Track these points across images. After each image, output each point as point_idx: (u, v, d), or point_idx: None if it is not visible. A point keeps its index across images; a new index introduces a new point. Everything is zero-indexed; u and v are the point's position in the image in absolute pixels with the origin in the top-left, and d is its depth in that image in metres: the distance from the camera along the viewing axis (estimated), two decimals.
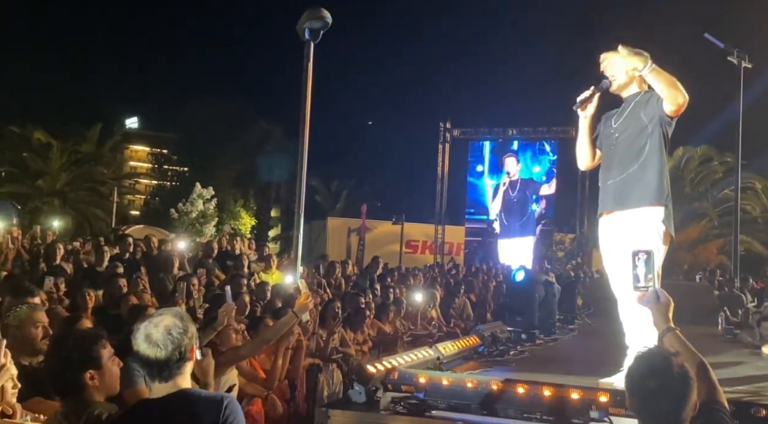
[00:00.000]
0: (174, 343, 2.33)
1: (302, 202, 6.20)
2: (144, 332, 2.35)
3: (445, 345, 4.92)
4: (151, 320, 2.39)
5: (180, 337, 2.35)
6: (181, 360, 2.35)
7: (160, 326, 2.35)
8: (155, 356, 2.32)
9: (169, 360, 2.32)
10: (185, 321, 2.41)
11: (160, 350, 2.32)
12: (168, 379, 2.34)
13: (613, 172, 4.00)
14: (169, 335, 2.34)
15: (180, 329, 2.36)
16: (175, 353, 2.33)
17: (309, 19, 5.74)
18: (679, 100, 3.74)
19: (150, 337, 2.33)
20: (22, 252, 8.27)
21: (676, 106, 3.77)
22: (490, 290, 12.49)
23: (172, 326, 2.36)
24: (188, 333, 2.39)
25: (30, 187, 31.98)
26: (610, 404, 3.08)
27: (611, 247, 4.06)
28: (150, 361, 2.34)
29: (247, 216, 36.22)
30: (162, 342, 2.32)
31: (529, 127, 28.69)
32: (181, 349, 2.34)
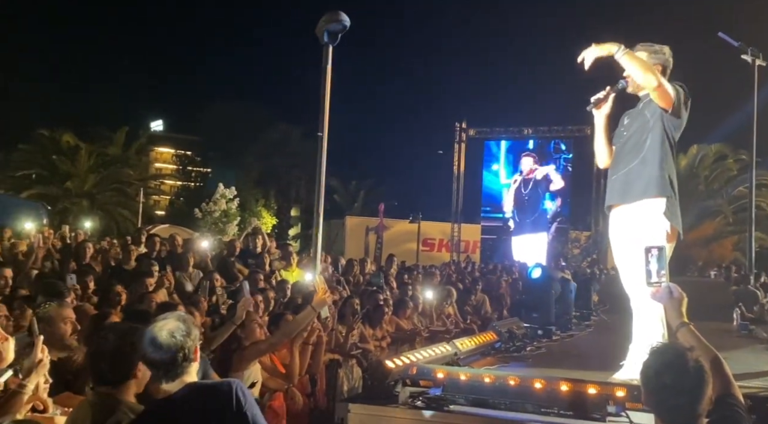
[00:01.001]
0: (177, 345, 2.43)
1: (322, 201, 6.26)
2: (149, 336, 2.45)
3: (462, 341, 4.97)
4: (156, 324, 2.49)
5: (183, 339, 2.45)
6: (185, 361, 2.45)
7: (164, 329, 2.45)
8: (161, 359, 2.43)
9: (174, 362, 2.43)
10: (188, 324, 2.51)
11: (165, 352, 2.42)
12: (174, 378, 2.45)
13: (618, 167, 4.08)
14: (173, 337, 2.44)
15: (183, 331, 2.46)
16: (179, 355, 2.43)
17: (327, 22, 5.79)
18: (652, 84, 3.78)
19: (155, 340, 2.43)
20: (53, 251, 8.45)
21: (651, 91, 3.82)
22: (502, 287, 12.50)
23: (175, 329, 2.46)
24: (191, 335, 2.49)
25: (59, 189, 32.63)
26: (627, 398, 3.11)
27: (618, 241, 4.13)
28: (156, 363, 2.44)
29: (268, 215, 36.54)
30: (166, 345, 2.42)
31: (545, 126, 28.61)
32: (185, 350, 2.44)
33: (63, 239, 11.24)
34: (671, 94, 3.83)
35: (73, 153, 33.34)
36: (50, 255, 8.35)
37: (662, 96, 3.83)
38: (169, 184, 45.86)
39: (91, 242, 9.67)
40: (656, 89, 3.81)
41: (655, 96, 3.86)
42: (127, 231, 24.42)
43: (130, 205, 34.32)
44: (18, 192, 30.44)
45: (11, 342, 2.65)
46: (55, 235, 11.31)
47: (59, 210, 29.90)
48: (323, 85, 6.01)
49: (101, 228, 29.62)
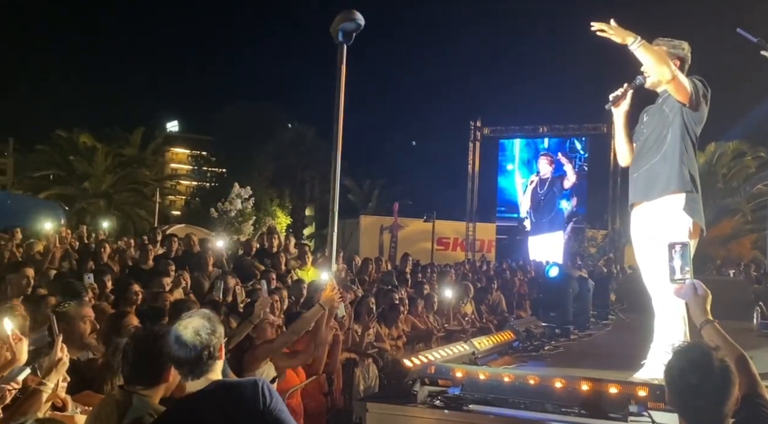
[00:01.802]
0: (203, 343, 2.43)
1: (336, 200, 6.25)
2: (174, 334, 2.45)
3: (480, 340, 4.94)
4: (181, 322, 2.49)
5: (208, 337, 2.44)
6: (210, 359, 2.44)
7: (189, 327, 2.45)
8: (186, 357, 2.43)
9: (199, 360, 2.42)
10: (213, 322, 2.50)
11: (190, 350, 2.42)
12: (200, 376, 2.44)
13: (639, 163, 4.04)
14: (198, 335, 2.43)
15: (208, 329, 2.45)
16: (204, 353, 2.42)
17: (342, 21, 5.77)
18: (666, 77, 3.74)
19: (180, 338, 2.43)
20: (71, 251, 8.52)
21: (665, 84, 3.78)
22: (517, 285, 12.45)
23: (200, 327, 2.45)
24: (216, 333, 2.47)
25: (77, 189, 33.00)
26: (650, 398, 3.07)
27: (640, 238, 4.08)
28: (181, 361, 2.44)
29: (283, 215, 36.69)
30: (191, 343, 2.42)
31: (560, 125, 28.45)
32: (210, 348, 2.43)
33: (81, 238, 11.35)
34: (687, 86, 3.77)
35: (90, 154, 33.70)
36: (68, 255, 8.43)
37: (678, 89, 3.78)
38: (184, 184, 46.27)
39: (108, 242, 9.76)
40: (671, 82, 3.76)
41: (670, 89, 3.81)
42: (143, 231, 24.62)
43: (146, 205, 34.61)
44: (36, 193, 30.78)
45: (25, 343, 2.67)
46: (73, 235, 11.42)
47: (77, 210, 30.21)
48: (338, 84, 5.98)
49: (118, 228, 29.89)
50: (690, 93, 3.79)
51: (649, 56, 3.76)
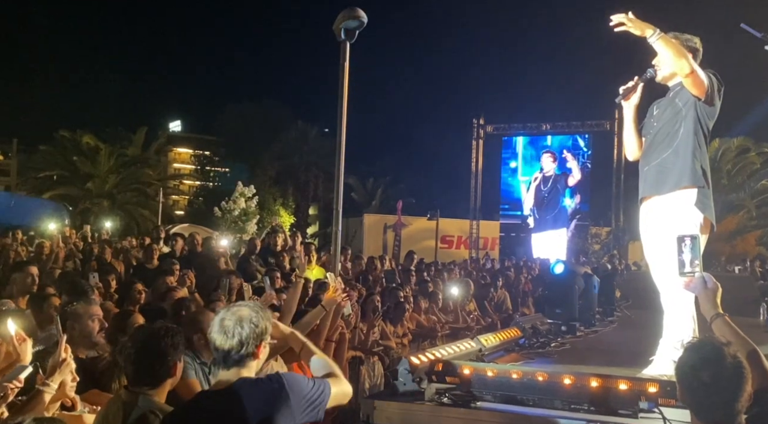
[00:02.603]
0: (242, 335, 2.40)
1: (341, 199, 6.25)
2: (219, 318, 2.43)
3: (486, 337, 4.92)
4: (230, 308, 2.47)
5: (250, 330, 2.41)
6: (247, 352, 2.40)
7: (235, 315, 2.42)
8: (220, 343, 2.40)
9: (232, 349, 2.39)
10: (259, 317, 2.46)
11: (229, 338, 2.39)
12: (230, 367, 2.41)
13: (650, 157, 4.01)
14: (240, 324, 2.40)
15: (253, 322, 2.42)
16: (242, 344, 2.39)
17: (345, 19, 5.77)
18: (685, 70, 3.71)
19: (223, 323, 2.41)
20: (75, 251, 8.53)
21: (684, 77, 3.75)
22: (522, 283, 12.43)
23: (246, 317, 2.43)
24: (259, 328, 2.44)
25: (80, 190, 33.06)
26: (660, 394, 3.05)
27: (650, 233, 4.05)
28: (217, 346, 2.41)
29: (286, 214, 36.71)
30: (232, 330, 2.39)
31: (563, 122, 28.39)
32: (248, 341, 2.40)
33: (84, 238, 11.37)
34: (705, 80, 3.75)
35: (94, 154, 33.74)
36: (72, 255, 8.44)
37: (695, 83, 3.75)
38: (187, 184, 46.29)
39: (112, 242, 9.77)
40: (689, 75, 3.73)
41: (687, 83, 3.78)
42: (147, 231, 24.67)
43: (150, 205, 34.65)
44: (40, 193, 30.83)
45: (29, 343, 2.65)
46: (77, 235, 11.45)
47: (80, 210, 30.26)
48: (341, 82, 5.98)
49: (122, 228, 29.93)
50: (707, 87, 3.76)
51: (669, 49, 3.72)
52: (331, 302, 4.70)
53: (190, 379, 3.75)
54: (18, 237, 10.02)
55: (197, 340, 3.96)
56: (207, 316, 4.08)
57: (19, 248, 9.09)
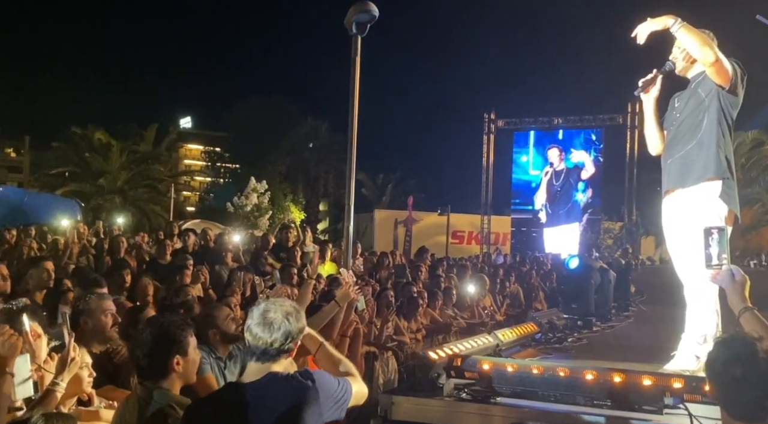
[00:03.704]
0: (286, 330, 2.37)
1: (352, 194, 6.20)
2: (261, 311, 2.38)
3: (503, 332, 4.88)
4: (274, 301, 2.44)
5: (292, 327, 2.38)
6: (284, 350, 2.38)
7: (280, 310, 2.39)
8: (262, 336, 2.36)
9: (274, 343, 2.36)
10: (300, 314, 2.45)
11: (273, 332, 2.35)
12: (265, 361, 2.37)
13: (673, 150, 3.95)
14: (287, 320, 2.38)
15: (295, 320, 2.40)
16: (284, 338, 2.36)
17: (356, 12, 5.71)
18: (710, 59, 3.64)
19: (266, 316, 2.37)
20: (88, 247, 8.54)
21: (708, 66, 3.68)
22: (534, 277, 12.36)
23: (291, 312, 2.40)
24: (300, 324, 2.42)
25: (92, 186, 33.23)
26: (685, 390, 2.99)
27: (674, 226, 3.98)
28: (256, 339, 2.37)
29: (297, 210, 36.76)
30: (278, 324, 2.36)
31: (575, 116, 28.25)
32: (289, 338, 2.37)
33: (97, 234, 11.39)
34: (729, 69, 3.67)
35: (105, 150, 33.91)
36: (86, 250, 8.46)
37: (720, 72, 3.68)
38: (198, 180, 46.48)
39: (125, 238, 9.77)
40: (714, 64, 3.65)
41: (711, 72, 3.70)
42: (159, 227, 24.77)
43: (161, 201, 34.81)
44: (52, 190, 31.01)
45: (44, 339, 2.63)
46: (90, 231, 11.48)
47: (92, 207, 30.42)
48: (352, 76, 5.93)
49: (134, 224, 30.07)
50: (731, 76, 3.69)
51: (692, 38, 3.66)
52: (345, 297, 4.66)
53: (206, 374, 3.73)
54: (31, 233, 10.05)
55: (212, 335, 3.94)
56: (222, 311, 4.06)
57: (33, 243, 9.11)
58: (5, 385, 2.40)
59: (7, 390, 2.42)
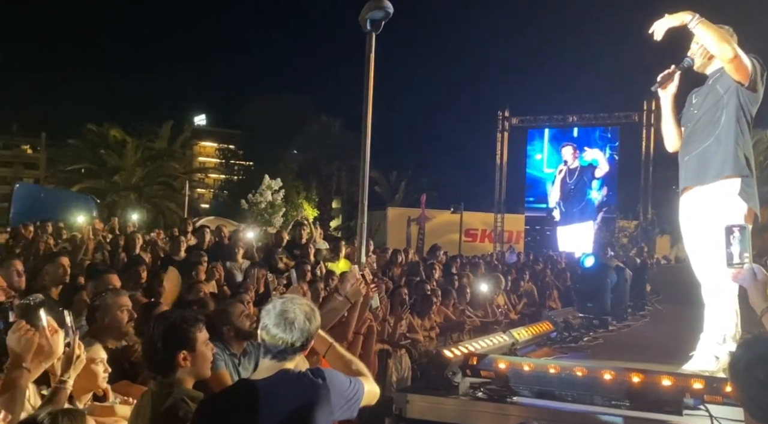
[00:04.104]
0: (305, 331, 2.37)
1: (365, 191, 6.17)
2: (279, 310, 2.37)
3: (518, 331, 4.83)
4: (292, 300, 2.43)
5: (311, 327, 2.39)
6: (301, 348, 2.38)
7: (299, 310, 2.38)
8: (281, 336, 2.35)
9: (294, 344, 2.36)
10: (316, 313, 2.45)
11: (291, 332, 2.35)
12: (282, 360, 2.37)
13: (690, 147, 3.91)
14: (307, 321, 2.38)
15: (315, 319, 2.41)
16: (302, 340, 2.36)
17: (371, 9, 5.68)
18: (728, 55, 3.60)
19: (286, 315, 2.36)
20: (104, 243, 8.58)
21: (726, 63, 3.64)
22: (549, 276, 12.29)
23: (309, 313, 2.40)
24: (317, 324, 2.43)
25: (107, 183, 33.52)
26: (706, 391, 2.94)
27: (691, 225, 3.93)
28: (273, 338, 2.36)
29: (310, 207, 36.85)
30: (299, 326, 2.36)
31: (590, 114, 28.05)
32: (306, 338, 2.38)
33: (112, 231, 11.45)
34: (748, 65, 3.62)
35: (121, 147, 34.20)
36: (101, 247, 8.50)
37: (738, 68, 3.63)
38: (212, 177, 46.75)
39: (140, 234, 9.82)
40: (732, 61, 3.60)
41: (730, 68, 3.65)
42: (173, 223, 24.92)
43: (176, 198, 35.03)
44: (68, 186, 31.29)
45: (61, 335, 2.62)
46: (105, 227, 11.54)
47: (107, 203, 30.67)
48: (366, 74, 5.90)
49: (148, 220, 30.28)
50: (750, 72, 3.63)
51: (711, 33, 3.61)
52: (356, 294, 4.64)
53: (220, 370, 3.72)
54: (47, 229, 10.13)
55: (227, 331, 3.94)
56: (236, 308, 4.05)
57: (49, 239, 9.17)
58: (22, 379, 2.40)
59: (24, 385, 2.42)
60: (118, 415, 3.06)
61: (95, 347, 3.16)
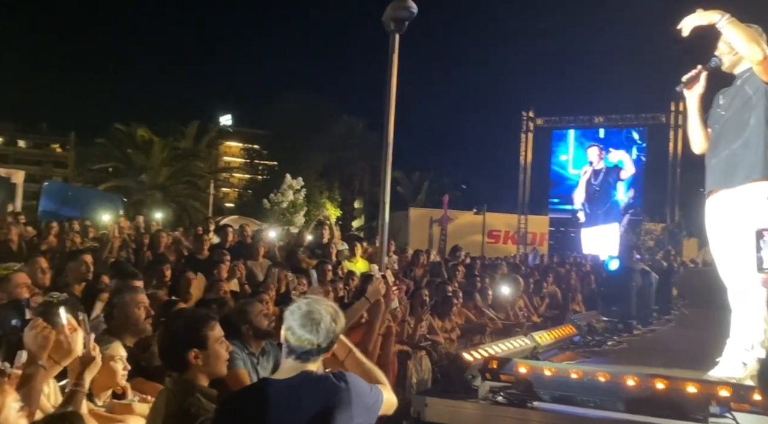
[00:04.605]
0: (330, 332, 2.36)
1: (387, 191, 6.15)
2: (306, 311, 2.36)
3: (540, 334, 4.77)
4: (317, 301, 2.42)
5: (336, 329, 2.38)
6: (326, 349, 2.37)
7: (324, 311, 2.37)
8: (307, 337, 2.33)
9: (319, 345, 2.34)
10: (341, 315, 2.44)
11: (318, 334, 2.33)
12: (305, 360, 2.35)
13: (717, 149, 3.82)
14: (333, 321, 2.37)
15: (339, 321, 2.40)
16: (325, 341, 2.35)
17: (394, 9, 5.65)
18: (758, 57, 3.52)
19: (312, 316, 2.34)
20: (128, 241, 8.66)
21: (755, 64, 3.56)
22: (574, 279, 12.13)
23: (335, 314, 2.39)
24: (342, 325, 2.42)
25: (134, 181, 33.94)
26: (733, 399, 2.85)
27: (718, 228, 3.84)
28: (299, 339, 2.34)
29: (332, 207, 36.98)
30: (324, 327, 2.34)
31: (617, 115, 27.73)
32: (331, 339, 2.36)
33: (137, 229, 11.56)
34: None
35: (147, 147, 34.61)
36: (126, 245, 8.57)
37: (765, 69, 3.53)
38: (237, 176, 47.15)
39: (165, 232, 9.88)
40: (762, 62, 3.52)
41: (759, 70, 3.57)
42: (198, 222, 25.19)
43: (200, 197, 35.42)
44: (96, 184, 31.75)
45: (80, 332, 2.63)
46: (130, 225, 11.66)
47: (134, 202, 31.04)
48: (389, 74, 5.88)
49: (173, 219, 30.58)
50: None
51: (740, 34, 3.54)
52: (375, 293, 4.60)
53: (238, 369, 3.72)
54: (74, 227, 10.24)
55: (245, 330, 3.93)
56: (254, 307, 4.05)
57: (75, 237, 9.27)
58: (38, 377, 2.41)
59: (40, 382, 2.42)
60: (136, 413, 3.07)
61: (114, 345, 3.17)
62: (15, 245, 8.26)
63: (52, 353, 2.49)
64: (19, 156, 58.59)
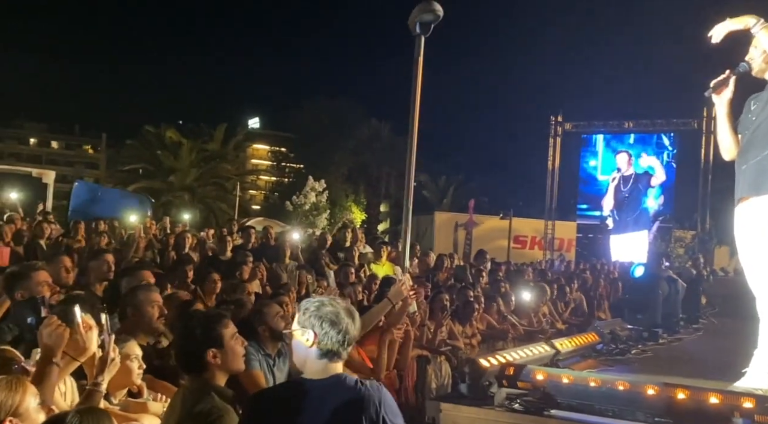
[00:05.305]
0: (349, 331, 2.35)
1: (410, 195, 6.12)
2: (329, 311, 2.35)
3: (561, 341, 4.68)
4: (342, 302, 2.42)
5: (354, 328, 2.37)
6: (346, 349, 2.36)
7: (348, 311, 2.38)
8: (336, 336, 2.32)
9: (346, 344, 2.35)
10: (357, 315, 2.43)
11: (348, 332, 2.34)
12: (332, 360, 2.33)
13: (748, 155, 3.71)
14: (351, 320, 2.37)
15: (356, 320, 2.39)
16: (348, 341, 2.35)
17: (420, 12, 5.63)
18: None
19: (339, 317, 2.34)
20: (154, 242, 8.76)
21: None
22: (602, 286, 11.95)
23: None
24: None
25: (163, 183, 34.46)
26: (756, 411, 2.76)
27: (747, 236, 3.73)
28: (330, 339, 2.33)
29: (358, 211, 37.07)
30: (352, 325, 2.36)
31: (647, 120, 27.33)
32: (349, 339, 2.36)
33: (164, 229, 11.71)
34: None
35: (176, 149, 35.15)
36: (151, 245, 8.68)
37: None
38: (264, 179, 47.62)
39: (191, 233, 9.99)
40: None
41: None
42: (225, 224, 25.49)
43: (227, 199, 35.83)
44: (126, 185, 32.28)
45: (95, 332, 2.65)
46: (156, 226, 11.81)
47: (162, 203, 31.52)
48: (414, 77, 5.85)
49: (200, 220, 30.94)
50: None
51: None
52: (397, 295, 4.57)
53: (254, 370, 3.73)
54: (100, 227, 10.39)
55: (262, 332, 3.94)
56: (271, 308, 4.06)
57: (103, 237, 9.40)
58: (52, 375, 2.43)
59: (53, 379, 2.44)
60: (150, 411, 3.08)
61: (130, 344, 3.19)
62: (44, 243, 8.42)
63: (67, 350, 2.51)
64: (52, 157, 59.85)
